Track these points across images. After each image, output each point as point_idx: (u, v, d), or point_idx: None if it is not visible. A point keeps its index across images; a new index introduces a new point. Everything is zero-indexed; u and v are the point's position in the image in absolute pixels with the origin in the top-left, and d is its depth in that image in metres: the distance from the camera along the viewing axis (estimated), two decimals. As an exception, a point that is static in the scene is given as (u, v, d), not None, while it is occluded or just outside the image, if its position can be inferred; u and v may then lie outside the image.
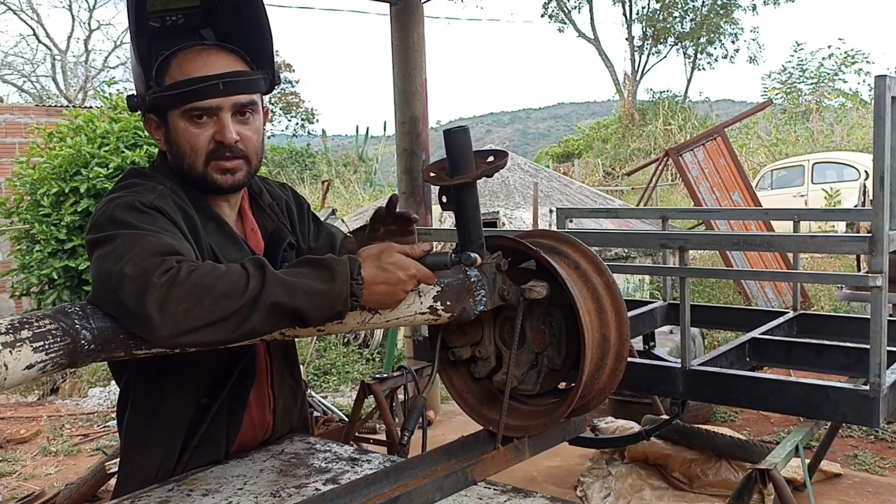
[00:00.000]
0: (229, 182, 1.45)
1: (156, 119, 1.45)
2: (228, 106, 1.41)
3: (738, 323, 3.36)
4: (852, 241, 2.35)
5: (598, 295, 1.37)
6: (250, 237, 1.55)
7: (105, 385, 6.05)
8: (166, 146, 1.46)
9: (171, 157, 1.46)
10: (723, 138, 7.91)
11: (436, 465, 1.38)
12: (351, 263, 1.21)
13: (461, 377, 1.53)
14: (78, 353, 1.12)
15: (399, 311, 1.28)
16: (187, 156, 1.42)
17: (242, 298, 1.14)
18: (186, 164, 1.43)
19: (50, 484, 4.32)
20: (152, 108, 1.44)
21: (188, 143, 1.41)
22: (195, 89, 1.38)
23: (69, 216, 6.28)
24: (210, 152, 1.42)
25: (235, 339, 1.18)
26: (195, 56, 1.42)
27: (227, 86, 1.39)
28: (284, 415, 1.63)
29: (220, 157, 1.42)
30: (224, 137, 1.41)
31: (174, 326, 1.12)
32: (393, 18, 4.76)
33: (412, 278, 1.25)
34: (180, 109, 1.40)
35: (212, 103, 1.39)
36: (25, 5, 24.08)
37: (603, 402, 1.47)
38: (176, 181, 1.45)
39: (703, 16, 28.35)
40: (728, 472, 3.48)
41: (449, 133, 1.35)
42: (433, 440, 2.31)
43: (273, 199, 1.65)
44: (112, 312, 1.15)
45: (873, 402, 2.16)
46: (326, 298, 1.18)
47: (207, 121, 1.41)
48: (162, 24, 1.46)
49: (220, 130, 1.41)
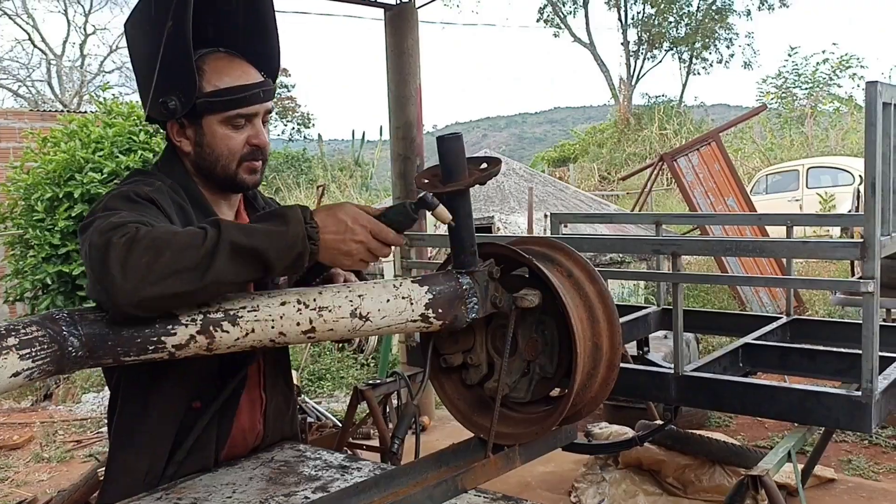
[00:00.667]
0: (253, 181, 1.56)
1: (186, 122, 1.50)
2: (262, 112, 1.52)
3: (731, 328, 3.35)
4: (844, 247, 2.35)
5: (590, 303, 1.37)
6: None
7: (99, 391, 6.02)
8: (195, 148, 1.51)
9: (201, 158, 1.51)
10: (717, 143, 7.92)
11: (426, 473, 1.38)
12: (303, 210, 1.24)
13: (453, 384, 1.52)
14: (65, 361, 1.11)
15: (390, 318, 1.28)
16: (223, 158, 1.50)
17: (203, 247, 1.15)
18: (221, 166, 1.51)
19: (42, 490, 4.30)
20: (191, 112, 1.47)
21: (226, 146, 1.50)
22: (244, 97, 1.47)
23: (63, 221, 6.27)
24: (245, 155, 1.51)
25: (203, 289, 1.16)
26: (229, 64, 1.50)
27: (265, 94, 1.51)
28: (276, 421, 1.63)
29: (253, 159, 1.52)
30: (260, 141, 1.52)
31: (138, 279, 1.11)
32: (387, 23, 4.76)
33: (363, 228, 1.26)
34: (223, 115, 1.48)
35: (253, 110, 1.50)
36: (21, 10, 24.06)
37: (595, 411, 1.46)
38: (178, 180, 1.51)
39: (697, 21, 28.44)
40: (722, 477, 3.47)
41: (442, 140, 1.34)
42: (427, 445, 2.31)
43: (265, 203, 1.71)
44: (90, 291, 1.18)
45: (865, 407, 2.16)
46: (283, 238, 1.20)
47: (245, 126, 1.50)
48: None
49: (256, 134, 1.51)
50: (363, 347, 6.70)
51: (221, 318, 1.20)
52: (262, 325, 1.22)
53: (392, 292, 1.28)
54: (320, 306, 1.24)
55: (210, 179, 1.53)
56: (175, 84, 1.44)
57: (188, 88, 1.44)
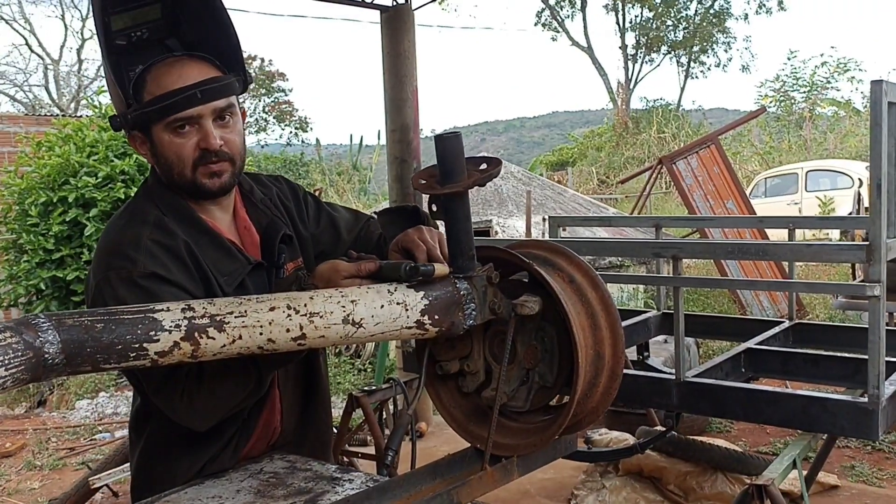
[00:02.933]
0: (217, 185, 1.48)
1: (140, 135, 1.47)
2: (208, 113, 1.43)
3: (733, 333, 3.31)
4: (849, 250, 2.31)
5: (592, 310, 1.32)
6: (245, 235, 1.57)
7: (92, 397, 5.96)
8: (153, 160, 1.48)
9: (160, 170, 1.49)
10: (716, 146, 7.89)
11: (420, 485, 1.33)
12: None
13: (449, 392, 1.47)
14: (40, 368, 1.06)
15: (384, 324, 1.23)
16: (175, 166, 1.45)
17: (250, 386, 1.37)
18: (176, 174, 1.46)
19: (34, 499, 4.24)
20: (135, 125, 1.46)
21: (174, 153, 1.44)
22: (175, 101, 1.41)
23: (57, 226, 6.22)
24: (196, 159, 1.45)
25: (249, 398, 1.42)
26: (168, 69, 1.44)
27: (204, 94, 1.42)
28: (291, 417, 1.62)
29: (207, 163, 1.45)
30: (209, 144, 1.44)
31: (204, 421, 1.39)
32: (383, 26, 4.72)
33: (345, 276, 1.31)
34: (163, 123, 1.42)
35: (192, 112, 1.42)
36: (18, 15, 24.04)
37: (596, 421, 1.41)
38: (168, 201, 1.49)
39: (695, 25, 28.48)
40: (724, 484, 3.42)
41: (440, 138, 1.28)
42: (425, 452, 2.27)
43: (265, 193, 1.66)
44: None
45: (872, 414, 2.11)
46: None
47: (190, 130, 1.43)
48: (128, 42, 1.50)
49: (205, 137, 1.44)
50: (360, 353, 6.64)
51: (207, 325, 1.15)
52: (249, 332, 1.17)
53: (386, 298, 1.24)
54: (311, 312, 1.19)
55: (178, 188, 1.49)
56: (117, 100, 1.48)
57: (125, 100, 1.45)
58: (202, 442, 1.49)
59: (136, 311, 1.12)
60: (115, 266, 1.39)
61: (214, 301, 1.18)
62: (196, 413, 1.36)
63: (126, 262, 1.38)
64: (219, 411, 1.38)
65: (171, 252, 1.43)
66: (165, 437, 1.51)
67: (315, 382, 1.67)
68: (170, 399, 1.36)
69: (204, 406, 1.35)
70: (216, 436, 1.50)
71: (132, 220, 1.46)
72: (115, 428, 5.40)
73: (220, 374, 1.33)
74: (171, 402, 1.36)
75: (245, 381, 1.35)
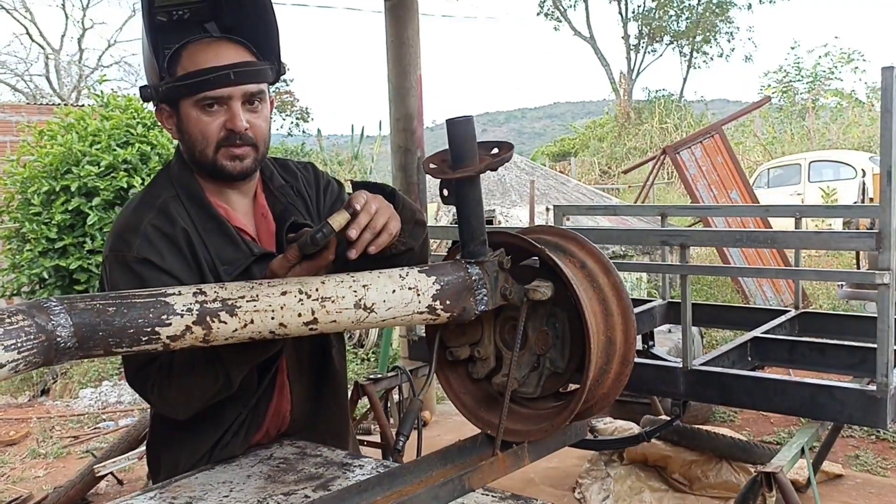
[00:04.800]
0: (238, 168, 1.49)
1: (168, 109, 1.48)
2: (238, 95, 1.45)
3: (739, 322, 3.31)
4: (859, 238, 2.30)
5: (604, 296, 1.31)
6: (261, 222, 1.58)
7: (96, 386, 5.97)
8: (178, 135, 1.50)
9: (184, 146, 1.50)
10: (720, 136, 7.86)
11: (431, 471, 1.32)
12: None
13: (458, 378, 1.46)
14: (53, 352, 1.05)
15: (396, 309, 1.22)
16: (198, 143, 1.46)
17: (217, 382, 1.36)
18: (198, 152, 1.47)
19: (38, 487, 4.24)
20: (165, 97, 1.47)
21: (199, 130, 1.45)
22: (208, 79, 1.42)
23: (60, 215, 6.20)
24: (221, 140, 1.46)
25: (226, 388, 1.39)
26: (205, 48, 1.46)
27: (237, 75, 1.43)
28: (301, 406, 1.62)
29: (231, 144, 1.46)
30: (235, 125, 1.45)
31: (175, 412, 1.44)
32: (387, 14, 4.70)
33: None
34: (193, 99, 1.43)
35: (223, 92, 1.43)
36: (19, 4, 23.93)
37: (606, 407, 1.41)
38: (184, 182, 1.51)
39: (698, 14, 28.36)
40: (729, 473, 3.42)
41: (452, 123, 1.27)
42: (429, 441, 2.26)
43: (286, 180, 1.65)
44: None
45: (880, 402, 2.11)
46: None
47: (218, 109, 1.44)
48: (169, 18, 1.51)
49: (231, 118, 1.45)
50: (363, 342, 6.65)
51: (219, 309, 1.14)
52: (261, 316, 1.16)
53: (398, 283, 1.23)
54: (323, 296, 1.18)
55: (198, 168, 1.51)
56: (150, 73, 1.48)
57: (157, 74, 1.46)
58: (205, 428, 1.50)
59: (147, 294, 1.12)
60: (115, 248, 1.43)
61: (226, 285, 1.17)
62: (168, 405, 1.42)
63: (124, 245, 1.42)
64: (191, 405, 1.41)
65: (168, 239, 1.44)
66: (170, 420, 1.52)
67: (327, 372, 1.67)
68: (143, 390, 1.41)
69: (175, 400, 1.39)
70: (219, 422, 1.50)
71: (141, 204, 1.48)
72: (118, 417, 5.41)
73: (187, 371, 1.34)
74: (144, 392, 1.41)
75: (212, 380, 1.35)
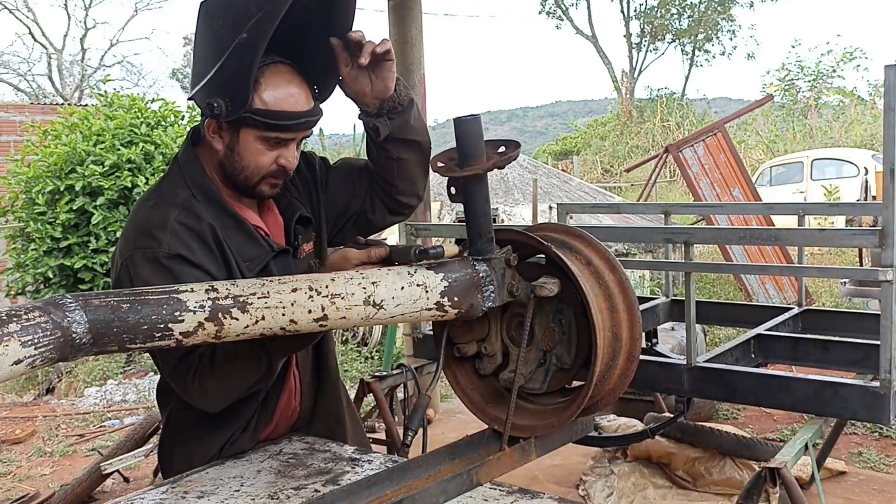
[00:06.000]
0: (272, 194, 1.57)
1: (226, 125, 1.48)
2: (299, 138, 1.53)
3: (742, 319, 3.31)
4: (862, 235, 2.31)
5: (610, 292, 1.33)
6: (269, 217, 1.63)
7: (101, 385, 5.99)
8: (225, 152, 1.51)
9: (227, 162, 1.52)
10: (723, 134, 7.87)
11: (439, 465, 1.34)
12: None
13: (466, 374, 1.48)
14: (69, 348, 1.07)
15: (404, 306, 1.24)
16: (248, 169, 1.50)
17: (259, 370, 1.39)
18: (244, 176, 1.51)
19: (45, 485, 4.27)
20: (235, 120, 1.46)
21: (254, 160, 1.49)
22: (288, 125, 1.47)
23: (64, 214, 6.23)
24: (270, 173, 1.51)
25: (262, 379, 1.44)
26: (286, 85, 1.47)
27: (307, 124, 1.51)
28: (308, 398, 1.67)
29: (277, 177, 1.53)
30: (289, 164, 1.52)
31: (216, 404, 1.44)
32: (391, 13, 4.71)
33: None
34: (262, 133, 1.47)
35: (292, 136, 1.50)
36: (21, 4, 23.96)
37: (612, 403, 1.42)
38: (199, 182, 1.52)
39: (700, 13, 28.33)
40: (732, 470, 3.43)
41: (459, 121, 1.28)
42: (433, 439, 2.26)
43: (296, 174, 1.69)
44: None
45: (884, 398, 2.11)
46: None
47: (277, 145, 1.50)
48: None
49: (287, 158, 1.51)
50: (367, 340, 6.66)
51: (231, 305, 1.16)
52: (272, 313, 1.18)
53: (406, 280, 1.24)
54: (333, 293, 1.20)
55: (230, 182, 1.54)
56: (228, 91, 1.41)
57: (238, 101, 1.41)
58: (220, 424, 1.52)
59: (160, 291, 1.13)
60: (142, 245, 1.42)
61: (237, 282, 1.18)
62: (207, 395, 1.42)
63: (152, 241, 1.42)
64: (230, 395, 1.43)
65: (196, 235, 1.45)
66: (184, 417, 1.55)
67: (325, 360, 1.72)
68: (183, 380, 1.41)
69: (215, 389, 1.40)
70: (233, 418, 1.52)
71: (161, 202, 1.48)
72: (123, 415, 5.43)
73: (230, 359, 1.36)
74: (184, 383, 1.41)
75: (256, 366, 1.38)
